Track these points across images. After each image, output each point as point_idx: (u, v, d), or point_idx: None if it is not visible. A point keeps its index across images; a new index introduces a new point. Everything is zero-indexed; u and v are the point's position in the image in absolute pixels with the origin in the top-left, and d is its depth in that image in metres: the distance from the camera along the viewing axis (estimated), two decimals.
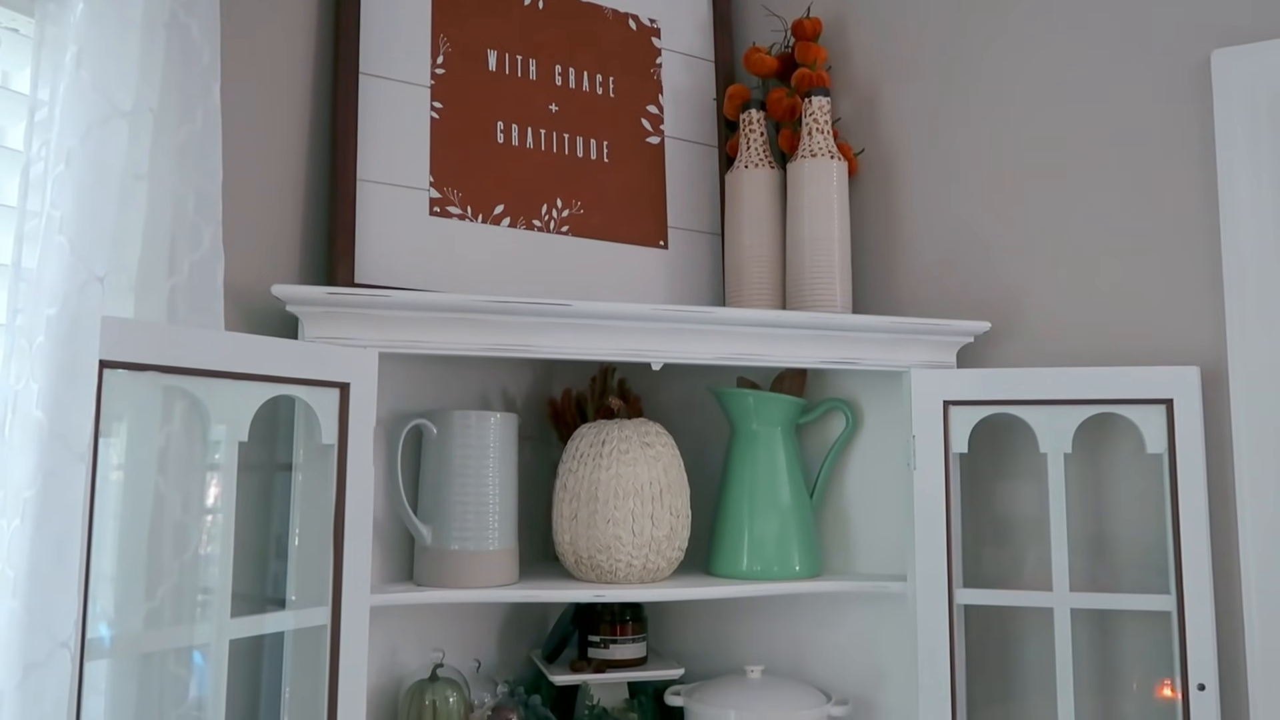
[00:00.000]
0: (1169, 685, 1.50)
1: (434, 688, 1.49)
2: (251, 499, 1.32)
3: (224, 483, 1.20)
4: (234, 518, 1.20)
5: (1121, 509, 1.57)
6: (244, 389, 1.22)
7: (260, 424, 1.26)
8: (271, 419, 1.34)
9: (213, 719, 1.17)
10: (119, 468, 1.11)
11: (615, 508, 1.53)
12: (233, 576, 1.19)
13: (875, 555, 1.69)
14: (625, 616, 1.70)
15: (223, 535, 1.19)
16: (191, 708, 1.15)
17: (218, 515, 1.19)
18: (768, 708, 1.57)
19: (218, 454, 1.20)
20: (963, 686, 1.54)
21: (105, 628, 1.08)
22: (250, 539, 1.31)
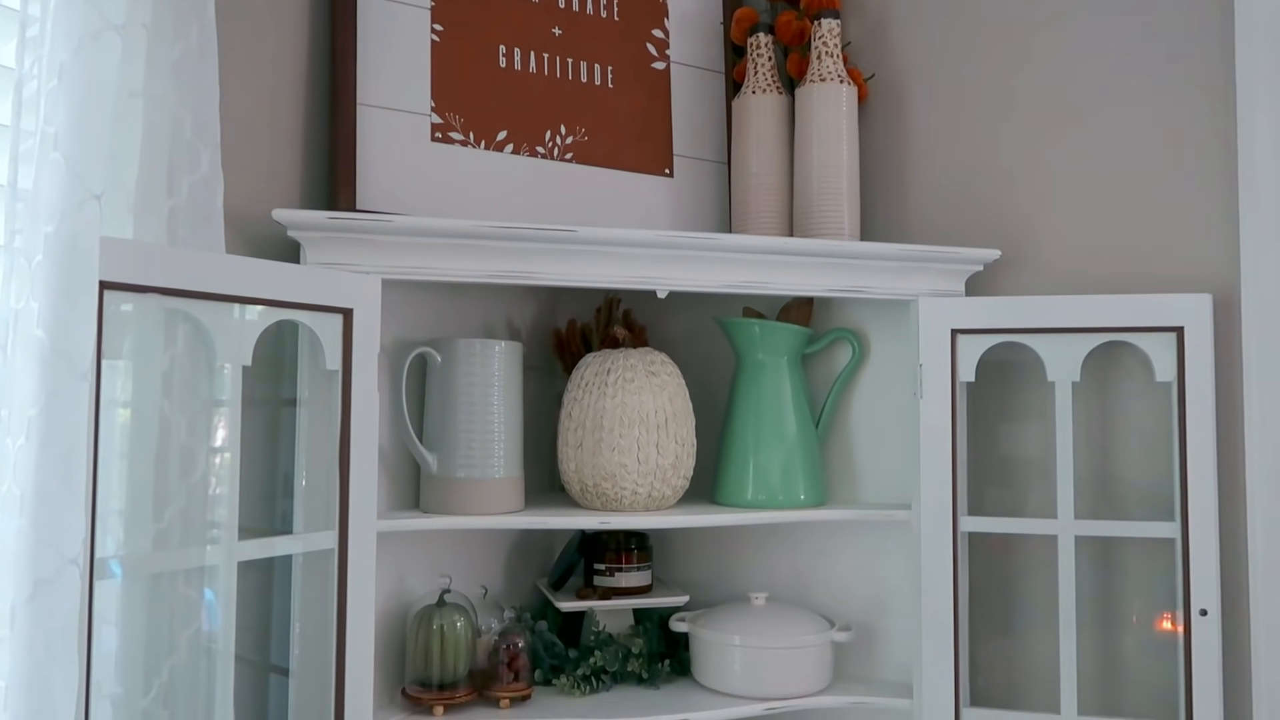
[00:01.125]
0: (1169, 617, 1.51)
1: (441, 613, 1.51)
2: (257, 425, 1.32)
3: (229, 407, 1.19)
4: (239, 442, 1.20)
5: (1128, 438, 1.57)
6: (247, 313, 1.21)
7: (264, 349, 1.25)
8: (275, 345, 1.33)
9: (223, 641, 1.18)
10: (123, 390, 1.10)
11: (620, 436, 1.53)
12: (240, 501, 1.20)
13: (880, 485, 1.70)
14: (630, 545, 1.71)
15: (229, 459, 1.19)
16: (202, 629, 1.16)
17: (223, 439, 1.19)
18: (771, 633, 1.59)
19: (222, 378, 1.19)
20: (965, 614, 1.55)
21: (114, 547, 1.09)
22: (256, 464, 1.31)
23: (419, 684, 1.50)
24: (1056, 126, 1.63)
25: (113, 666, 1.08)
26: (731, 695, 1.58)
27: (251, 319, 1.22)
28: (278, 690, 1.35)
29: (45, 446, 0.94)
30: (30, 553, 0.92)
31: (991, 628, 1.62)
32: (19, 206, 1.02)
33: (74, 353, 0.96)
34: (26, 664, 0.93)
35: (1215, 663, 1.43)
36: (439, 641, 1.49)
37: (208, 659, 1.17)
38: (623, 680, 1.64)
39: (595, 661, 1.61)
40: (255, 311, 1.22)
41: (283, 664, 1.34)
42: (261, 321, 1.23)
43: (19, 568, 0.92)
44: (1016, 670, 1.60)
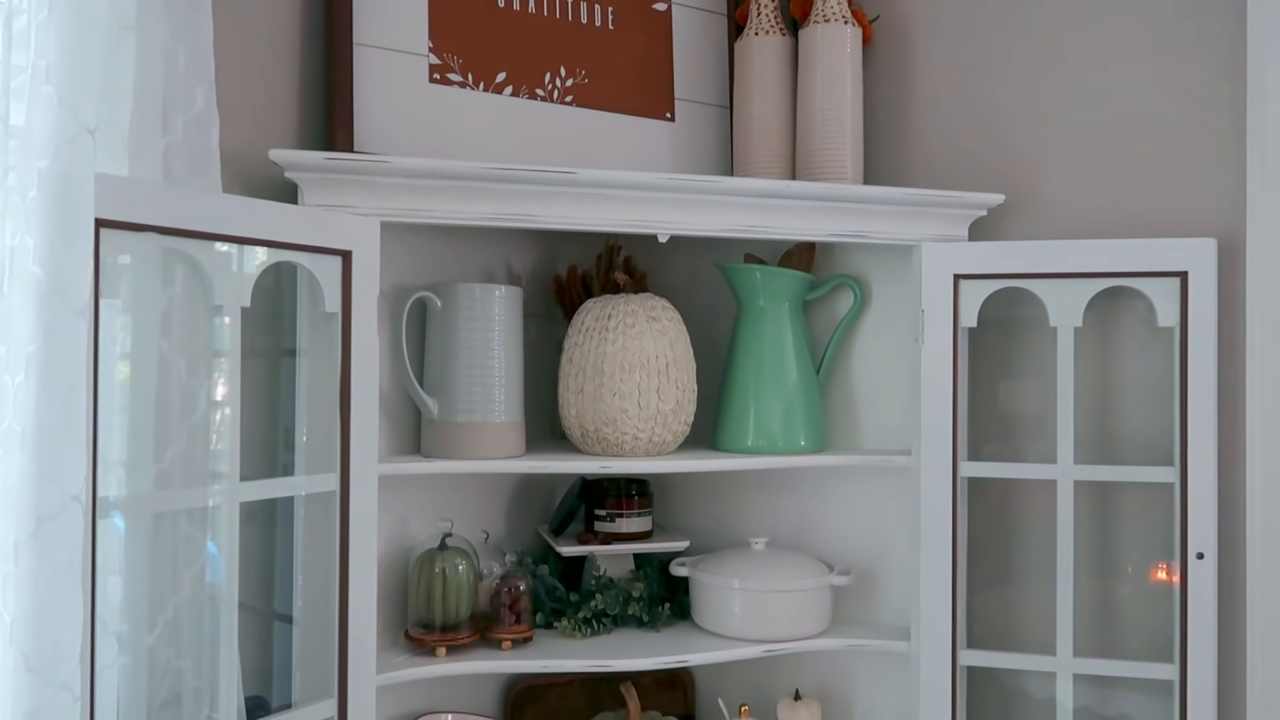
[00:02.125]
0: (1165, 563, 1.52)
1: (443, 556, 1.52)
2: (257, 367, 1.32)
3: (228, 348, 1.19)
4: (239, 383, 1.20)
5: (1128, 384, 1.57)
6: (245, 254, 1.20)
7: (263, 291, 1.24)
8: (274, 287, 1.32)
9: (226, 583, 1.19)
10: (122, 330, 1.10)
11: (621, 381, 1.52)
12: (241, 442, 1.20)
13: (880, 432, 1.70)
14: (631, 491, 1.72)
15: (229, 400, 1.19)
16: (205, 569, 1.17)
17: (223, 381, 1.19)
18: (771, 577, 1.60)
19: (221, 319, 1.18)
20: (964, 558, 1.56)
21: (116, 486, 1.09)
22: (257, 407, 1.31)
23: (421, 626, 1.51)
24: (1062, 70, 1.61)
25: (117, 604, 1.09)
26: (731, 638, 1.60)
27: (250, 260, 1.21)
28: (282, 634, 1.37)
29: (44, 384, 0.93)
30: (32, 489, 0.92)
31: (989, 573, 1.63)
32: (12, 144, 1.01)
33: (71, 290, 0.95)
34: (32, 599, 0.93)
35: (1211, 606, 1.45)
36: (441, 584, 1.50)
37: (212, 600, 1.18)
38: (623, 623, 1.66)
39: (596, 604, 1.63)
40: (254, 252, 1.21)
41: (286, 607, 1.35)
42: (260, 262, 1.22)
43: (21, 504, 0.92)
44: (1013, 614, 1.61)
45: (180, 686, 1.15)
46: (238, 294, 1.19)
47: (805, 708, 1.64)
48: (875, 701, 1.69)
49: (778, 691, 1.71)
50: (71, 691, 0.94)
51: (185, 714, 1.16)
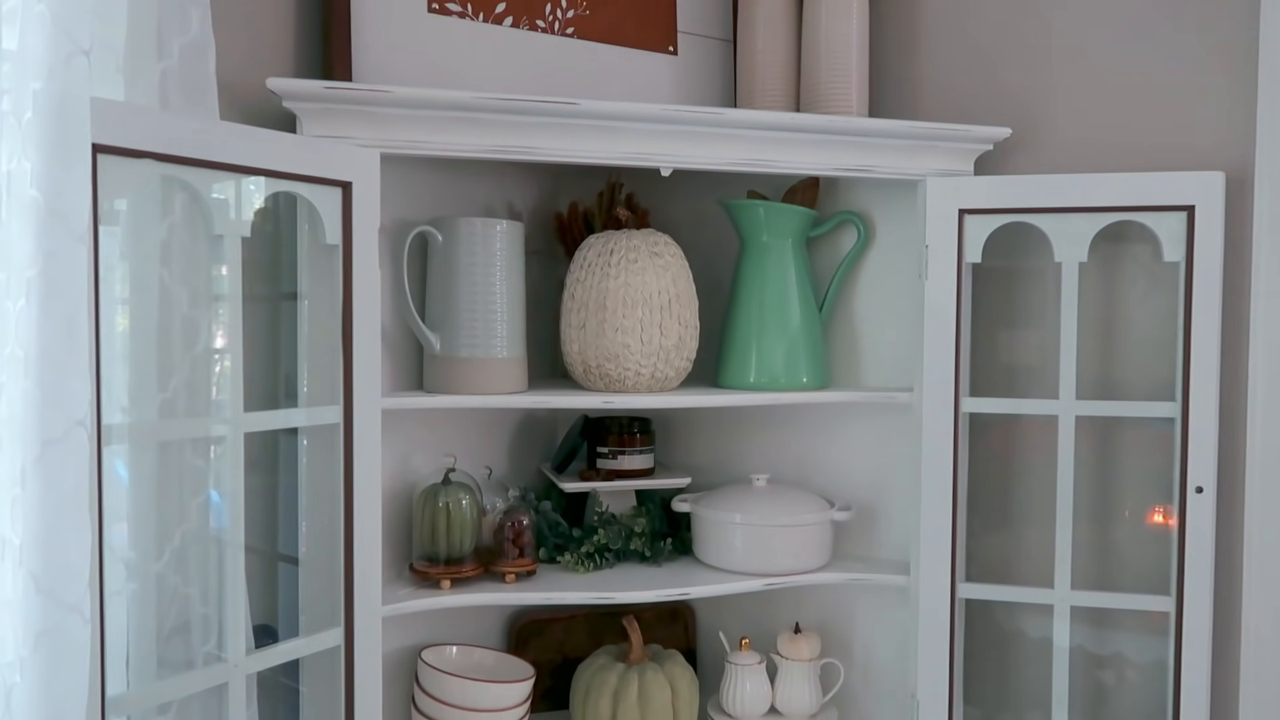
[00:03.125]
0: (1165, 496, 1.52)
1: (446, 491, 1.53)
2: (258, 299, 1.32)
3: (229, 279, 1.18)
4: (241, 315, 1.19)
5: (1132, 320, 1.57)
6: (244, 183, 1.19)
7: (263, 222, 1.23)
8: (274, 219, 1.31)
9: (232, 512, 1.20)
10: (122, 257, 1.09)
11: (624, 316, 1.52)
12: (244, 373, 1.20)
13: (882, 369, 1.70)
14: (633, 428, 1.73)
15: (231, 331, 1.18)
16: (210, 499, 1.18)
17: (225, 311, 1.18)
18: (772, 512, 1.61)
19: (221, 250, 1.18)
20: (964, 495, 1.57)
21: (120, 415, 1.09)
22: (259, 338, 1.31)
23: (426, 559, 1.52)
24: (1070, 2, 1.58)
25: (125, 532, 1.10)
26: (732, 571, 1.62)
27: (249, 189, 1.20)
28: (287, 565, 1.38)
29: (46, 309, 0.93)
30: (37, 414, 0.92)
31: (989, 510, 1.64)
32: (5, 67, 0.99)
33: (70, 214, 0.94)
34: (39, 523, 0.94)
35: (1208, 540, 1.46)
36: (445, 518, 1.51)
37: (218, 529, 1.19)
38: (625, 558, 1.67)
39: (599, 539, 1.64)
40: (253, 182, 1.20)
41: (292, 539, 1.37)
42: (259, 192, 1.21)
43: (26, 428, 0.93)
44: (1012, 549, 1.63)
45: (188, 614, 1.17)
46: (238, 224, 1.18)
47: (805, 640, 1.67)
48: (874, 635, 1.72)
49: (778, 625, 1.73)
50: (81, 614, 0.95)
51: (194, 641, 1.18)
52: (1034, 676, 1.61)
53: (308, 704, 1.37)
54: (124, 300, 1.10)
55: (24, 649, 0.92)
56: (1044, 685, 1.56)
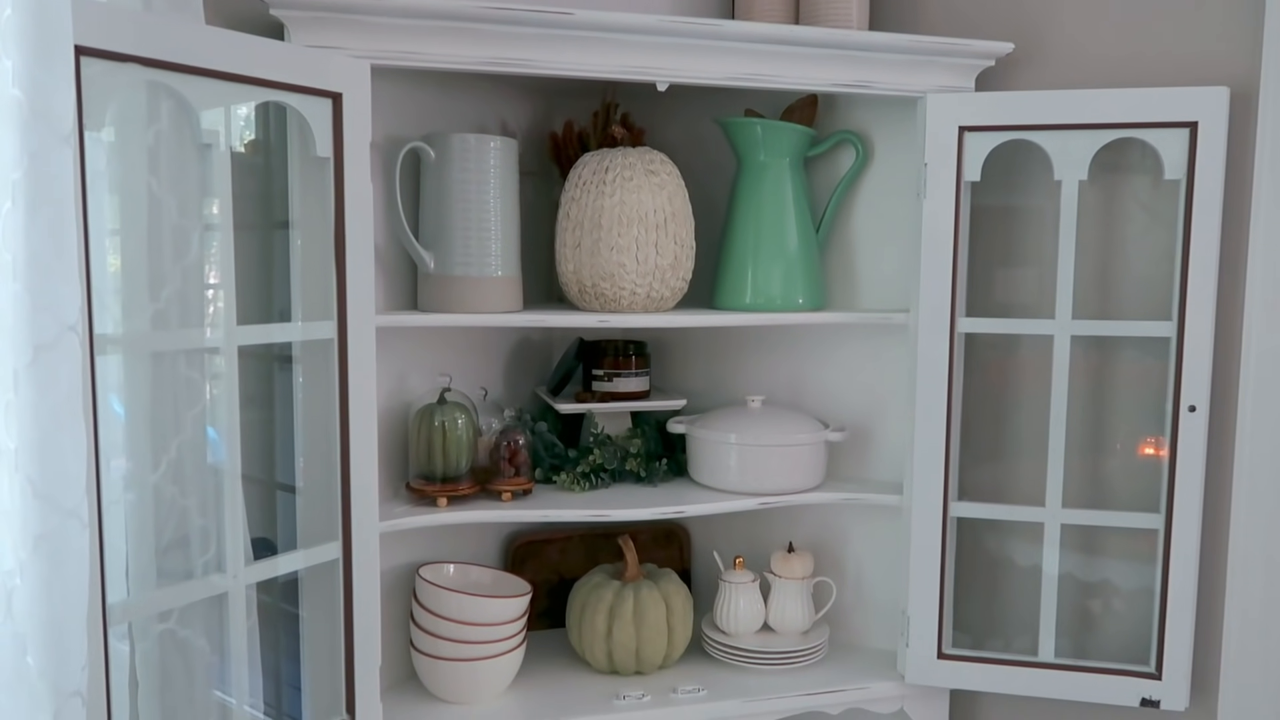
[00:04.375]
0: (1158, 415, 1.53)
1: (442, 410, 1.53)
2: (250, 212, 1.30)
3: (219, 189, 1.16)
4: (231, 226, 1.18)
5: (1130, 239, 1.56)
6: (232, 91, 1.17)
7: (253, 133, 1.21)
8: (264, 130, 1.29)
9: (228, 425, 1.19)
10: (109, 165, 1.07)
11: (619, 235, 1.51)
12: (236, 287, 1.19)
13: (877, 291, 1.69)
14: (628, 351, 1.72)
15: (222, 242, 1.17)
16: (205, 411, 1.17)
17: (216, 222, 1.17)
18: (767, 432, 1.62)
19: (210, 159, 1.16)
20: (958, 413, 1.58)
21: (113, 325, 1.08)
22: (251, 253, 1.29)
23: (422, 478, 1.53)
24: None
25: (121, 441, 1.10)
26: (727, 491, 1.63)
27: (237, 98, 1.17)
28: (285, 479, 1.38)
29: (32, 212, 0.91)
30: (27, 318, 0.91)
31: (982, 431, 1.65)
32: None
33: (54, 115, 0.92)
34: (34, 429, 0.93)
35: (1199, 458, 1.47)
36: (441, 437, 1.51)
37: (214, 443, 1.19)
38: (621, 479, 1.69)
39: (595, 459, 1.65)
40: (241, 90, 1.17)
41: (289, 454, 1.36)
42: (248, 101, 1.18)
43: (17, 333, 0.91)
44: (1004, 469, 1.64)
45: (187, 526, 1.17)
46: (226, 134, 1.16)
47: (798, 559, 1.69)
48: (865, 554, 1.74)
49: (771, 545, 1.75)
50: (80, 518, 0.95)
51: (193, 553, 1.19)
52: (1023, 599, 1.63)
53: (307, 621, 1.38)
54: (112, 208, 1.08)
55: (23, 552, 0.93)
56: (1032, 607, 1.58)
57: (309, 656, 1.38)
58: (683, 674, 1.64)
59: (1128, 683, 1.52)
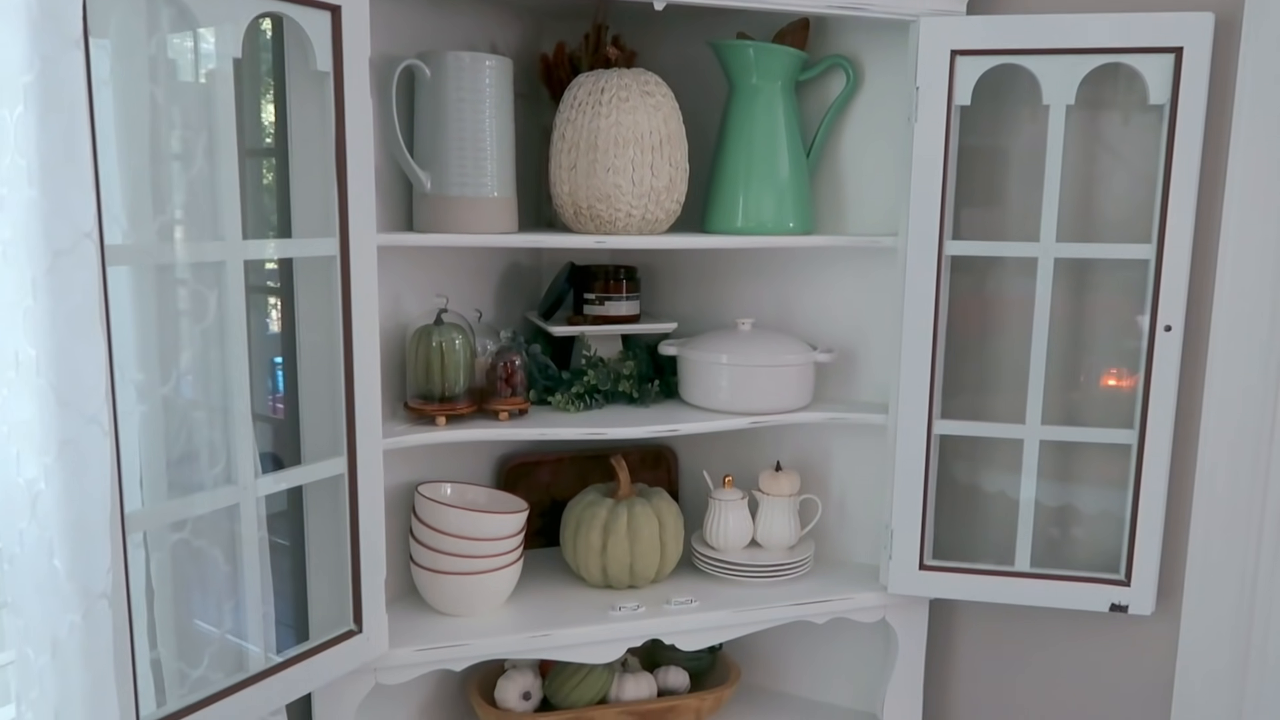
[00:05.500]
0: (1134, 336, 1.58)
1: (440, 331, 1.54)
2: (250, 127, 1.29)
3: (222, 101, 1.15)
4: (234, 139, 1.17)
5: (1113, 165, 1.60)
6: (232, 1, 1.15)
7: (253, 45, 1.20)
8: (264, 42, 1.27)
9: (235, 336, 1.20)
10: (112, 73, 1.06)
11: (615, 156, 1.51)
12: (242, 200, 1.18)
13: (866, 216, 1.72)
14: (619, 275, 1.74)
15: (226, 155, 1.16)
16: (213, 324, 1.18)
17: (219, 133, 1.16)
18: (757, 353, 1.65)
19: (211, 70, 1.14)
20: (943, 335, 1.62)
21: (121, 236, 1.08)
22: (253, 168, 1.29)
23: (421, 397, 1.55)
24: None
25: (133, 353, 1.10)
26: (718, 411, 1.67)
27: (237, 6, 1.16)
28: (289, 396, 1.40)
29: (44, 116, 0.91)
30: (44, 224, 0.91)
31: (965, 352, 1.69)
32: None
33: (63, 16, 0.91)
34: (51, 337, 0.94)
35: (1173, 376, 1.53)
36: (439, 357, 1.53)
37: (222, 356, 1.19)
38: (614, 400, 1.72)
39: (589, 380, 1.67)
40: (241, 1, 1.16)
41: (293, 371, 1.37)
42: (248, 9, 1.17)
43: (34, 239, 0.91)
44: (986, 388, 1.69)
45: (197, 438, 1.19)
46: (228, 44, 1.15)
47: (785, 477, 1.74)
48: (850, 473, 1.79)
49: (757, 466, 1.80)
50: (101, 425, 0.97)
51: (203, 465, 1.20)
52: (1000, 514, 1.70)
53: (313, 536, 1.41)
54: (118, 118, 1.07)
55: (47, 458, 0.94)
56: (1009, 522, 1.65)
57: (315, 570, 1.41)
58: (675, 587, 1.69)
59: (1098, 590, 1.60)
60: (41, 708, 0.98)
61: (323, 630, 1.39)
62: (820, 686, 1.88)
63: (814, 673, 1.88)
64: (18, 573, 0.97)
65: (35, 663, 0.97)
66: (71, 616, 0.96)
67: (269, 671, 1.26)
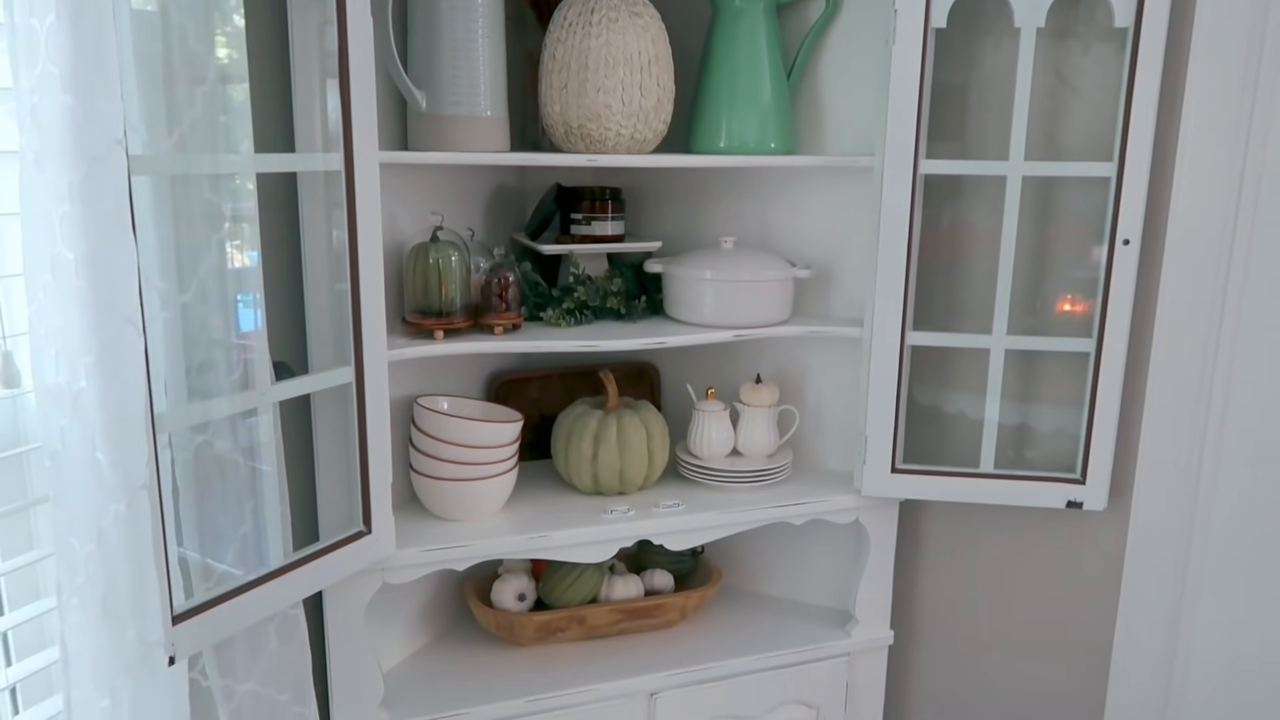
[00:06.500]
0: (1094, 251, 1.68)
1: (436, 248, 1.59)
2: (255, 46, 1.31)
3: (233, 15, 1.18)
4: (245, 50, 1.20)
5: (1080, 87, 1.67)
6: None
7: None
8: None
9: (249, 248, 1.24)
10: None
11: (605, 76, 1.56)
12: (253, 114, 1.22)
13: (844, 137, 1.78)
14: (605, 196, 1.80)
15: (237, 68, 1.19)
16: (229, 234, 1.22)
17: (230, 47, 1.19)
18: (739, 269, 1.72)
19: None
20: (917, 250, 1.70)
21: (140, 146, 1.11)
22: (260, 84, 1.31)
23: (419, 312, 1.60)
24: None
25: (155, 261, 1.14)
26: (702, 325, 1.74)
27: None
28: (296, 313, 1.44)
29: (75, 25, 0.93)
30: (78, 130, 0.95)
31: (937, 270, 1.78)
32: None
33: None
34: (85, 242, 0.98)
35: (1130, 287, 1.63)
36: (436, 274, 1.58)
37: (238, 267, 1.24)
38: (602, 316, 1.78)
39: (579, 296, 1.74)
40: None
41: (301, 284, 1.42)
42: None
43: (66, 146, 0.95)
44: (956, 302, 1.78)
45: (215, 345, 1.23)
46: None
47: (765, 389, 1.83)
48: (825, 384, 1.89)
49: (738, 379, 1.89)
50: (135, 325, 1.01)
51: (220, 372, 1.25)
52: (967, 421, 1.81)
53: (322, 442, 1.47)
54: (135, 28, 1.09)
55: (89, 357, 0.99)
56: (975, 427, 1.76)
57: (325, 474, 1.47)
58: (662, 492, 1.79)
59: (1056, 488, 1.72)
60: (89, 593, 1.04)
61: (332, 533, 1.46)
62: (796, 587, 2.00)
63: (790, 575, 2.00)
64: (60, 468, 1.03)
65: (81, 552, 1.03)
66: (116, 506, 1.02)
67: (288, 567, 1.33)
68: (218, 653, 1.32)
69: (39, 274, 1.00)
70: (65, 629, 1.08)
